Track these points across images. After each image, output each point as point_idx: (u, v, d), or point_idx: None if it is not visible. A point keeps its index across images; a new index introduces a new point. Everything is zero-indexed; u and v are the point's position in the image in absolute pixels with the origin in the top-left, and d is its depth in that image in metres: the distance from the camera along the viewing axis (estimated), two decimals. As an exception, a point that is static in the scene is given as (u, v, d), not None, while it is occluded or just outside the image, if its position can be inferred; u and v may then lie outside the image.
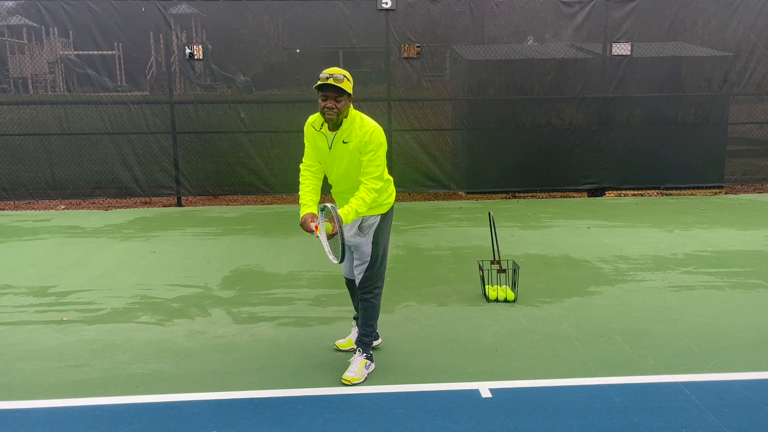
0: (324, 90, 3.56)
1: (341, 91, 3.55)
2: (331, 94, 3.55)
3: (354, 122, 3.67)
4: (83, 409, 3.50)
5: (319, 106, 3.61)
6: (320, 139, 3.76)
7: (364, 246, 3.81)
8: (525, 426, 3.26)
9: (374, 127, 3.66)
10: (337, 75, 3.53)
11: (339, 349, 4.24)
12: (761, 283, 5.62)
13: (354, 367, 3.81)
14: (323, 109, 3.58)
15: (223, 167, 9.97)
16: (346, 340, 4.28)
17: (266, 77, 10.19)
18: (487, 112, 10.20)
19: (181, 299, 5.38)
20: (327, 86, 3.54)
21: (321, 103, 3.58)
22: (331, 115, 3.58)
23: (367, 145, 3.63)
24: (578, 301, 5.21)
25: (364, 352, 3.88)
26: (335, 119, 3.60)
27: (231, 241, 7.49)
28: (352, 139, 3.65)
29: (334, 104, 3.55)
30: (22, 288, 5.74)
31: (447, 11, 10.00)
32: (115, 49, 10.02)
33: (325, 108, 3.57)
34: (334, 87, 3.53)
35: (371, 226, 3.80)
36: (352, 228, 3.80)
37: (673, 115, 10.33)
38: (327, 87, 3.54)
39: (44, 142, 9.75)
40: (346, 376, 3.77)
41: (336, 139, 3.69)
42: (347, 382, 3.75)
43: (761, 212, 8.92)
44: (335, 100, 3.55)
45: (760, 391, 3.59)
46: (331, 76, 3.52)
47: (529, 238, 7.47)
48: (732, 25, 10.28)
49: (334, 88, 3.54)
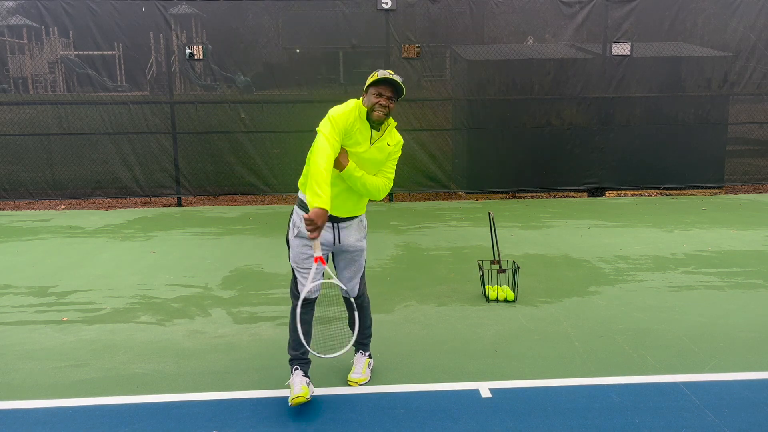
0: (384, 86, 3.37)
1: (400, 93, 3.42)
2: (389, 92, 3.39)
3: (391, 127, 3.56)
4: (83, 409, 3.50)
5: (371, 101, 3.38)
6: (364, 132, 3.46)
7: (365, 251, 3.70)
8: (525, 426, 3.26)
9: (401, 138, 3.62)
10: (397, 76, 3.39)
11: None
12: (761, 283, 5.62)
13: (359, 367, 3.80)
14: (376, 104, 3.37)
15: (223, 167, 9.97)
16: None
17: (266, 77, 10.19)
18: (487, 112, 10.20)
19: (181, 299, 5.38)
20: (389, 82, 3.36)
21: (374, 99, 3.37)
22: (382, 114, 3.39)
23: (397, 153, 3.58)
24: (578, 301, 5.21)
25: (366, 351, 3.88)
26: (383, 120, 3.43)
27: (231, 241, 7.49)
28: (392, 141, 3.55)
29: (388, 103, 3.38)
30: (22, 288, 5.74)
31: (447, 11, 10.00)
32: (115, 49, 10.03)
33: (378, 104, 3.37)
34: (396, 85, 3.38)
35: (366, 227, 3.73)
36: (359, 232, 3.63)
37: (673, 115, 10.33)
38: (389, 83, 3.36)
39: (44, 142, 9.75)
40: (354, 378, 3.75)
41: (376, 138, 3.49)
42: (355, 383, 3.73)
43: (761, 212, 8.92)
44: (391, 100, 3.40)
45: (760, 391, 3.59)
46: (392, 74, 3.38)
47: (529, 238, 7.48)
48: (732, 25, 10.29)
49: (396, 86, 3.39)
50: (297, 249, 3.52)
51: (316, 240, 3.28)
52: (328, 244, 3.52)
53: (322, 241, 3.44)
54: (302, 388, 3.39)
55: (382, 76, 3.35)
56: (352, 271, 3.67)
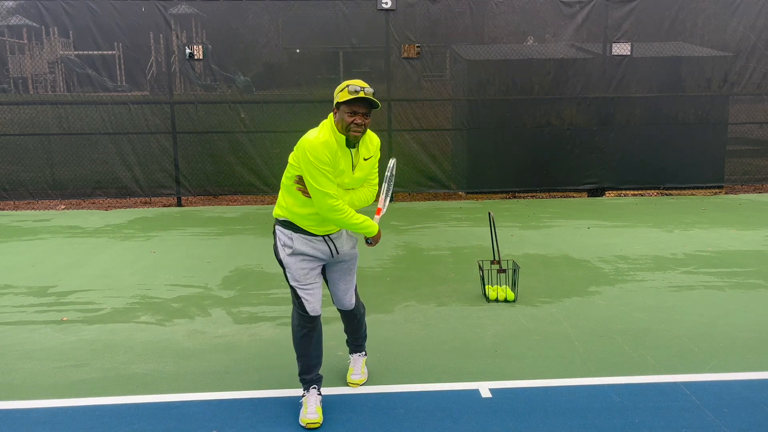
0: (356, 104, 3.12)
1: (374, 107, 3.19)
2: (363, 109, 3.14)
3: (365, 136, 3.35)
4: (83, 409, 3.50)
5: (345, 121, 3.14)
6: (345, 160, 3.24)
7: (357, 257, 3.57)
8: (525, 426, 3.26)
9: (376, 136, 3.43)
10: (368, 89, 3.13)
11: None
12: (761, 283, 5.62)
13: (357, 368, 3.79)
14: (350, 124, 3.13)
15: (223, 167, 9.97)
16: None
17: (266, 77, 10.19)
18: (487, 112, 10.20)
19: (181, 299, 5.38)
20: (361, 101, 3.12)
21: (348, 119, 3.13)
22: (359, 133, 3.17)
23: (376, 153, 3.40)
24: (578, 301, 5.21)
25: (363, 351, 3.86)
26: (360, 138, 3.23)
27: (231, 241, 7.49)
28: (371, 154, 3.36)
29: (363, 120, 3.16)
30: (22, 288, 5.74)
31: (447, 11, 10.00)
32: (115, 49, 10.03)
33: (353, 124, 3.13)
34: (368, 102, 3.14)
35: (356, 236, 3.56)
36: (351, 239, 3.49)
37: (673, 115, 10.33)
38: (361, 101, 3.12)
39: (44, 142, 9.75)
40: (354, 380, 3.73)
41: (356, 157, 3.29)
42: (356, 384, 3.72)
43: (761, 212, 8.92)
44: (366, 116, 3.17)
45: (760, 391, 3.59)
46: (362, 89, 3.11)
47: (529, 238, 7.48)
48: (732, 25, 10.28)
49: (368, 103, 3.15)
50: (296, 266, 3.33)
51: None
52: (326, 256, 3.39)
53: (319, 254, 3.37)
54: (317, 411, 3.31)
55: (355, 95, 3.09)
56: (347, 282, 3.53)
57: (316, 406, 3.34)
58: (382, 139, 3.78)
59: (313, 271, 3.37)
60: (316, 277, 3.39)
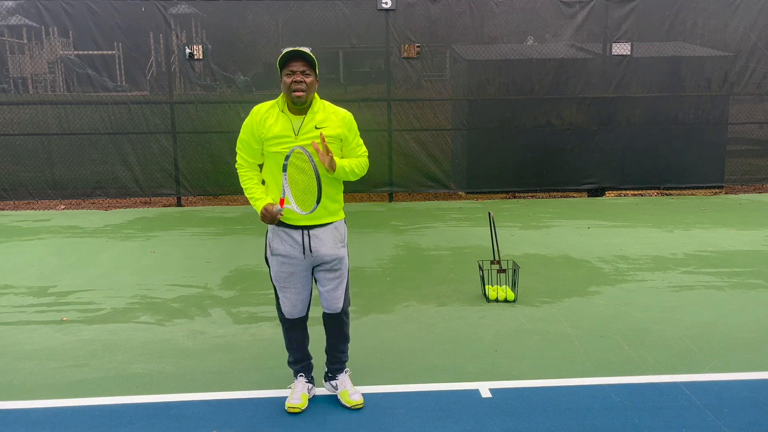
0: (292, 61, 3.11)
1: (311, 65, 3.14)
2: (301, 67, 3.11)
3: (325, 106, 3.27)
4: (83, 409, 3.50)
5: (284, 83, 3.13)
6: (282, 125, 3.20)
7: (345, 258, 3.41)
8: (525, 426, 3.26)
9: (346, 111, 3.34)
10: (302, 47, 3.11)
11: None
12: (761, 283, 5.62)
13: (350, 387, 3.54)
14: (290, 84, 3.10)
15: (223, 167, 9.96)
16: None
17: (266, 77, 10.19)
18: (487, 112, 10.19)
19: (181, 299, 5.38)
20: (297, 56, 3.10)
21: (287, 80, 3.11)
22: (300, 92, 3.11)
23: (351, 127, 3.30)
24: (578, 301, 5.21)
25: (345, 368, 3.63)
26: (305, 98, 3.13)
27: (231, 241, 7.49)
28: (329, 125, 3.22)
29: (303, 78, 3.10)
30: (22, 288, 5.74)
31: (447, 11, 10.00)
32: (115, 49, 10.03)
33: (293, 83, 3.10)
34: (304, 57, 3.11)
35: (345, 234, 3.44)
36: (334, 239, 3.34)
37: (673, 115, 10.33)
38: (296, 57, 3.10)
39: (44, 142, 9.75)
40: (355, 400, 3.46)
41: (305, 124, 3.19)
42: (359, 404, 3.44)
43: (761, 212, 8.92)
44: (305, 74, 3.12)
45: (760, 391, 3.59)
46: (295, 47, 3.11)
47: (529, 238, 7.47)
48: (732, 25, 10.28)
49: (304, 58, 3.11)
50: (276, 268, 3.37)
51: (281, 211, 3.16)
52: (297, 258, 3.30)
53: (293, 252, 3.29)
54: (301, 397, 3.47)
55: (285, 52, 3.10)
56: (334, 283, 3.38)
57: (301, 393, 3.48)
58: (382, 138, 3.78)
59: (292, 276, 3.34)
60: (295, 283, 3.36)
